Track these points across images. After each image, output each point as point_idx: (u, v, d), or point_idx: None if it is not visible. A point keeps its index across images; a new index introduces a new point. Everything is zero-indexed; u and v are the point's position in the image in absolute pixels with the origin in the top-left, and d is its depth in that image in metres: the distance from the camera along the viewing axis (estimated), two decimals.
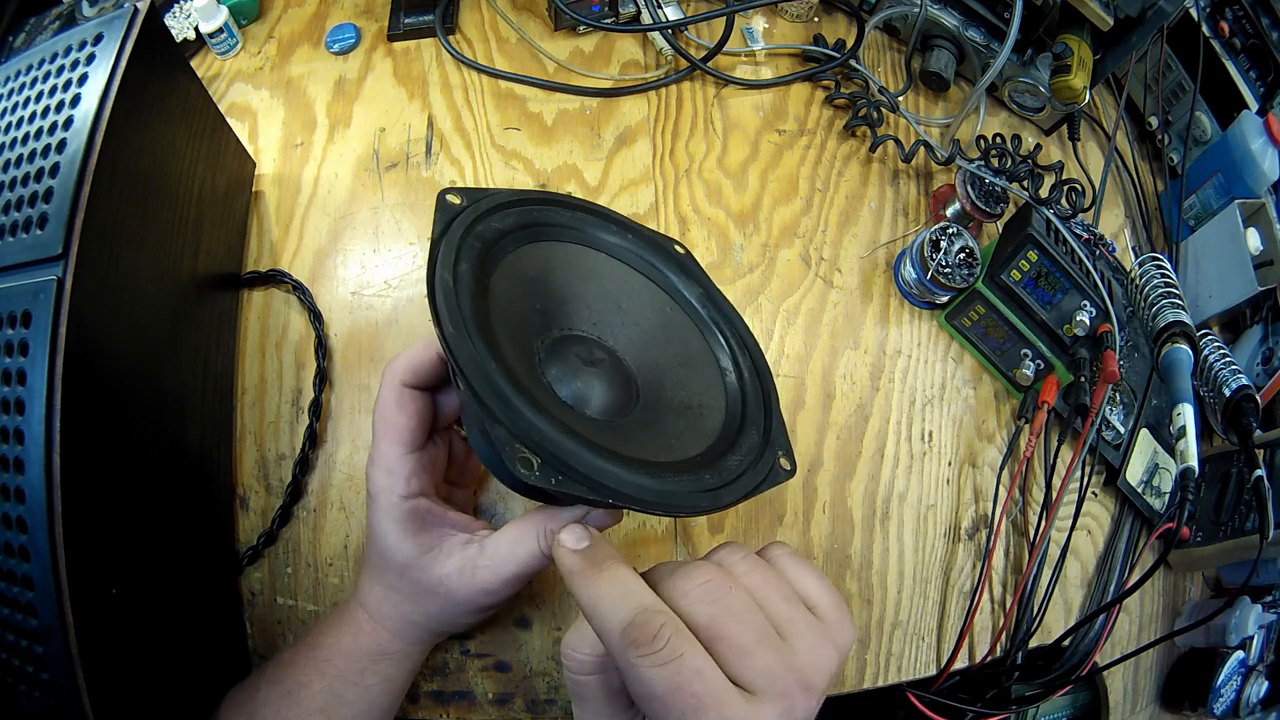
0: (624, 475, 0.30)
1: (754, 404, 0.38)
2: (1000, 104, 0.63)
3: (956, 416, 0.54)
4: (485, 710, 0.46)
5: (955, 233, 0.52)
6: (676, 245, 0.43)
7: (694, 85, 0.58)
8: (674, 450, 0.35)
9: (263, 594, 0.47)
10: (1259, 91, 0.62)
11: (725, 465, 0.34)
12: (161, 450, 0.40)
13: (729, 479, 0.33)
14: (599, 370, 0.37)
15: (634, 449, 0.33)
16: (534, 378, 0.34)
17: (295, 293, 0.50)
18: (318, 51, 0.57)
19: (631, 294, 0.41)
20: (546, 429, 0.29)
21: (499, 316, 0.34)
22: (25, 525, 0.29)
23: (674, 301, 0.41)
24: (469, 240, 0.35)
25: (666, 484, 0.31)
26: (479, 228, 0.36)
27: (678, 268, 0.42)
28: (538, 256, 0.38)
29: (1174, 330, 0.48)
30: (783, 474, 0.36)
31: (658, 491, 0.30)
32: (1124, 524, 0.55)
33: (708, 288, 0.42)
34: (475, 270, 0.34)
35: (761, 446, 0.36)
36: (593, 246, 0.41)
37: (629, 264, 0.41)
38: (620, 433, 0.35)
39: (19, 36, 0.56)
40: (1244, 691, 0.55)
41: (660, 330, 0.41)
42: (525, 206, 0.38)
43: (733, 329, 0.41)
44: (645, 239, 0.42)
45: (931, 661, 0.50)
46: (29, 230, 0.32)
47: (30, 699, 0.31)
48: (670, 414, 0.38)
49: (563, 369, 0.36)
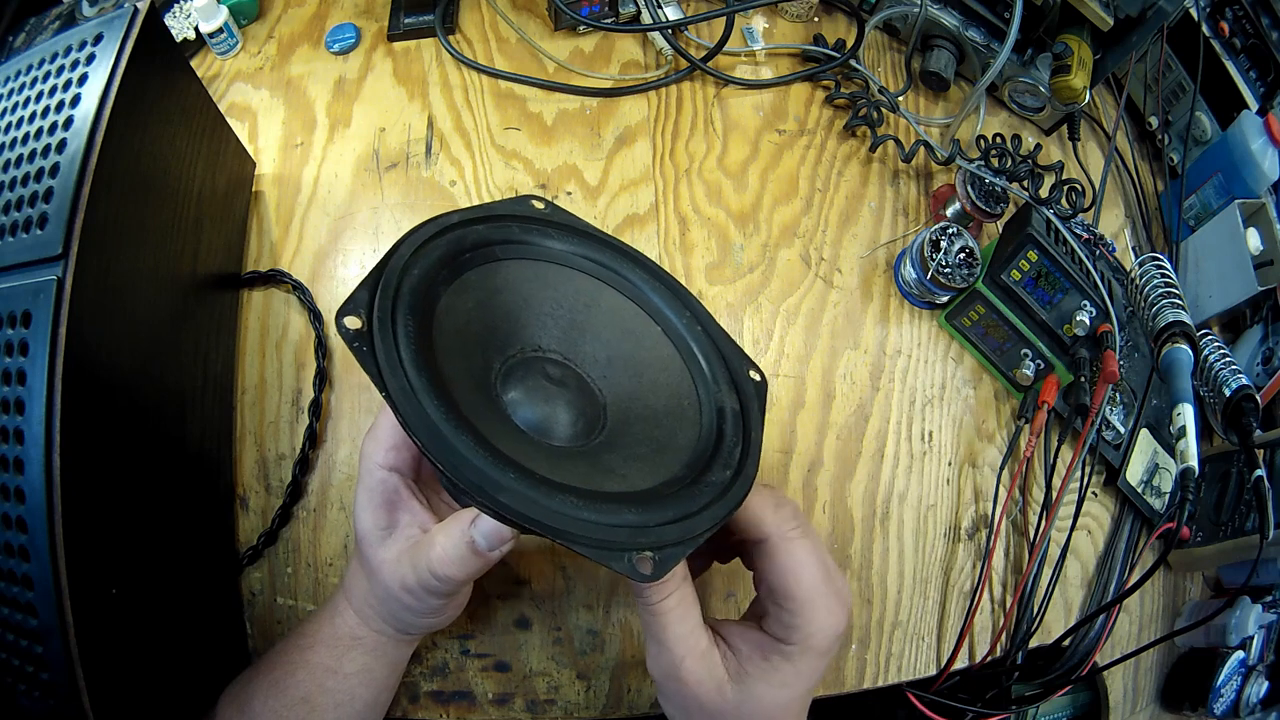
0: (547, 505, 0.28)
1: (730, 440, 0.35)
2: (1000, 104, 0.63)
3: (956, 416, 0.54)
4: (485, 710, 0.46)
5: (955, 233, 0.52)
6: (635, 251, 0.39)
7: (694, 85, 0.58)
8: (625, 481, 0.33)
9: (263, 594, 0.46)
10: (1259, 91, 0.62)
11: (671, 503, 0.31)
12: (161, 450, 0.40)
13: (676, 517, 0.30)
14: (556, 393, 0.35)
15: (577, 478, 0.31)
16: (487, 405, 0.33)
17: (295, 293, 0.50)
18: (318, 51, 0.57)
19: (595, 309, 0.38)
20: (466, 453, 0.28)
21: (448, 347, 0.32)
22: (25, 525, 0.29)
23: (643, 312, 0.38)
24: (402, 289, 0.32)
25: (600, 516, 0.29)
26: (412, 272, 0.33)
27: (651, 277, 0.39)
28: (484, 281, 0.36)
29: (1174, 330, 0.48)
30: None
31: (583, 523, 0.28)
32: (1124, 524, 0.55)
33: (695, 311, 0.39)
34: (418, 309, 0.32)
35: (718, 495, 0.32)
36: (545, 259, 0.38)
37: (594, 276, 0.38)
38: (562, 456, 0.33)
39: (19, 36, 0.56)
40: (1244, 691, 0.55)
41: (629, 346, 0.38)
42: (453, 231, 0.35)
43: (713, 345, 0.38)
44: (613, 248, 0.39)
45: (931, 661, 0.50)
46: (29, 230, 0.32)
47: (30, 699, 0.31)
48: (632, 443, 0.35)
49: (519, 393, 0.35)
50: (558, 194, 0.54)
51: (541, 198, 0.39)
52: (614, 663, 0.46)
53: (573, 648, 0.46)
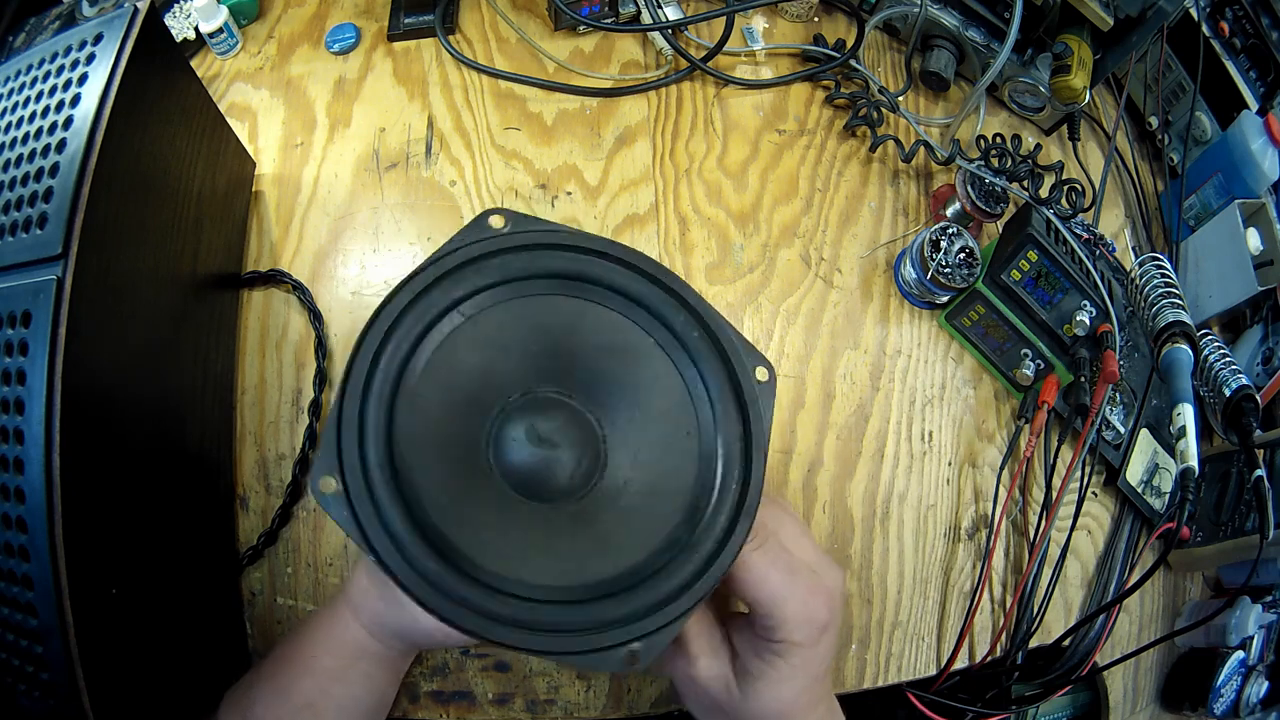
0: (538, 630, 0.30)
1: (726, 482, 0.34)
2: (1000, 104, 0.63)
3: (956, 416, 0.54)
4: (485, 710, 0.46)
5: (955, 233, 0.52)
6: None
7: (694, 85, 0.58)
8: (601, 562, 0.32)
9: (263, 594, 0.47)
10: (1259, 91, 0.62)
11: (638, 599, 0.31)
12: (161, 450, 0.40)
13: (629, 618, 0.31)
14: (550, 440, 0.34)
15: (565, 570, 0.32)
16: (479, 487, 0.33)
17: (295, 293, 0.50)
18: (318, 51, 0.57)
19: (578, 334, 0.35)
20: (429, 594, 0.29)
21: (433, 436, 0.32)
22: (25, 525, 0.29)
23: (633, 323, 0.35)
24: (368, 417, 0.32)
25: (588, 617, 0.31)
26: (374, 388, 0.32)
27: (636, 276, 0.35)
28: (453, 353, 0.34)
29: (1174, 330, 0.48)
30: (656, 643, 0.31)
31: (572, 637, 0.30)
32: (1124, 524, 0.55)
33: (690, 305, 0.35)
34: (390, 423, 0.32)
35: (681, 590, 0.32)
36: (514, 297, 0.35)
37: (571, 295, 0.35)
38: (552, 532, 0.33)
39: (19, 36, 0.56)
40: (1244, 691, 0.55)
41: (620, 367, 0.36)
42: (407, 315, 0.33)
43: (713, 345, 0.35)
44: (588, 251, 0.35)
45: (931, 661, 0.50)
46: (29, 230, 0.32)
47: (30, 699, 0.31)
48: (632, 488, 0.34)
49: (513, 452, 0.34)
50: (558, 194, 0.54)
51: (502, 210, 0.35)
52: None
53: None
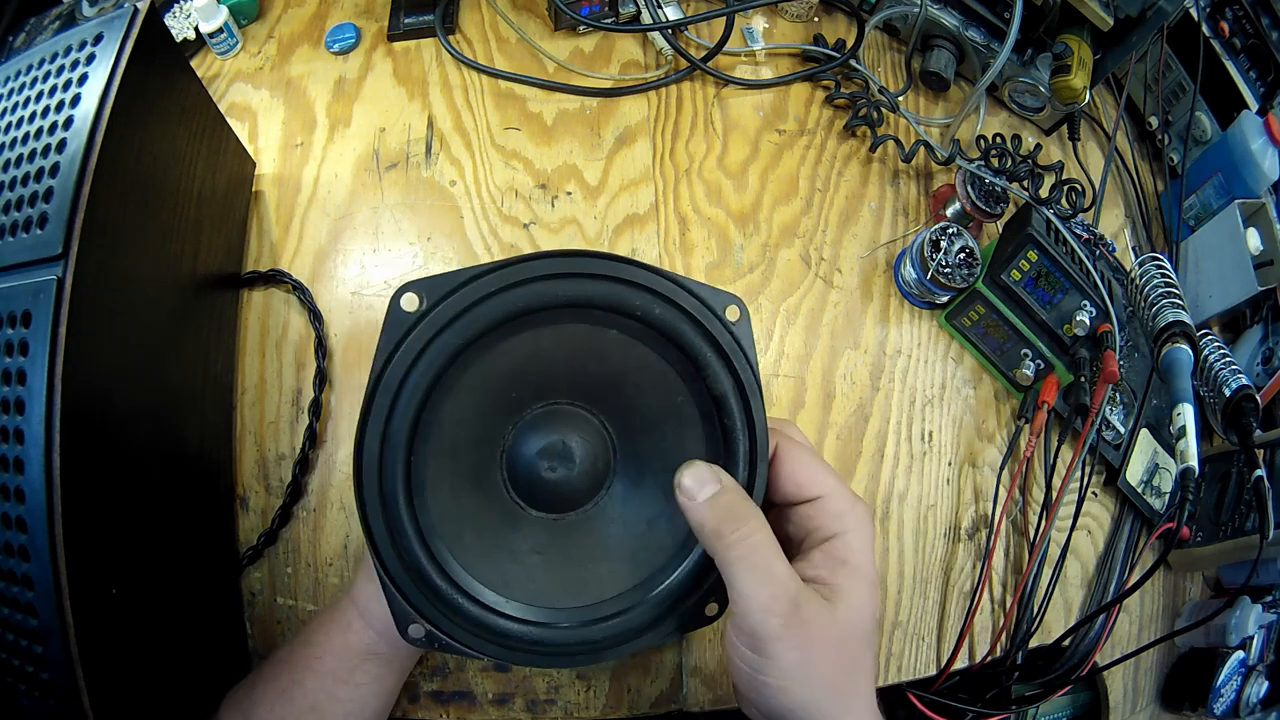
0: (519, 634, 0.34)
1: (736, 433, 0.35)
2: (1000, 104, 0.63)
3: (956, 416, 0.54)
4: (485, 710, 0.46)
5: (955, 233, 0.52)
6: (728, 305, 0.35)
7: (694, 85, 0.58)
8: (606, 581, 0.36)
9: (263, 594, 0.47)
10: (1259, 91, 0.62)
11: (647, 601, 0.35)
12: (161, 450, 0.40)
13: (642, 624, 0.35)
14: (557, 453, 0.36)
15: (560, 577, 0.36)
16: (487, 485, 0.36)
17: (295, 293, 0.50)
18: (318, 51, 0.57)
19: (559, 346, 0.35)
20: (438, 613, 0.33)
21: (457, 421, 0.34)
22: (25, 525, 0.29)
23: (601, 328, 0.35)
24: (421, 363, 0.33)
25: (573, 633, 0.35)
26: (440, 340, 0.33)
27: (588, 280, 0.34)
28: (519, 343, 0.35)
29: (1174, 330, 0.48)
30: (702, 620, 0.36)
31: (557, 644, 0.35)
32: (1124, 524, 0.55)
33: (646, 283, 0.34)
34: (428, 389, 0.33)
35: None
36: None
37: (544, 309, 0.34)
38: (563, 543, 0.37)
39: (19, 36, 0.56)
40: (1244, 691, 0.55)
41: (603, 365, 0.36)
42: (509, 292, 0.33)
43: (679, 311, 0.34)
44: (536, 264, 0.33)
45: (931, 661, 0.50)
46: (29, 230, 0.32)
47: (30, 699, 0.31)
48: (645, 470, 0.37)
49: (526, 470, 0.36)
50: (558, 194, 0.54)
51: (411, 285, 0.33)
52: (614, 663, 0.46)
53: None
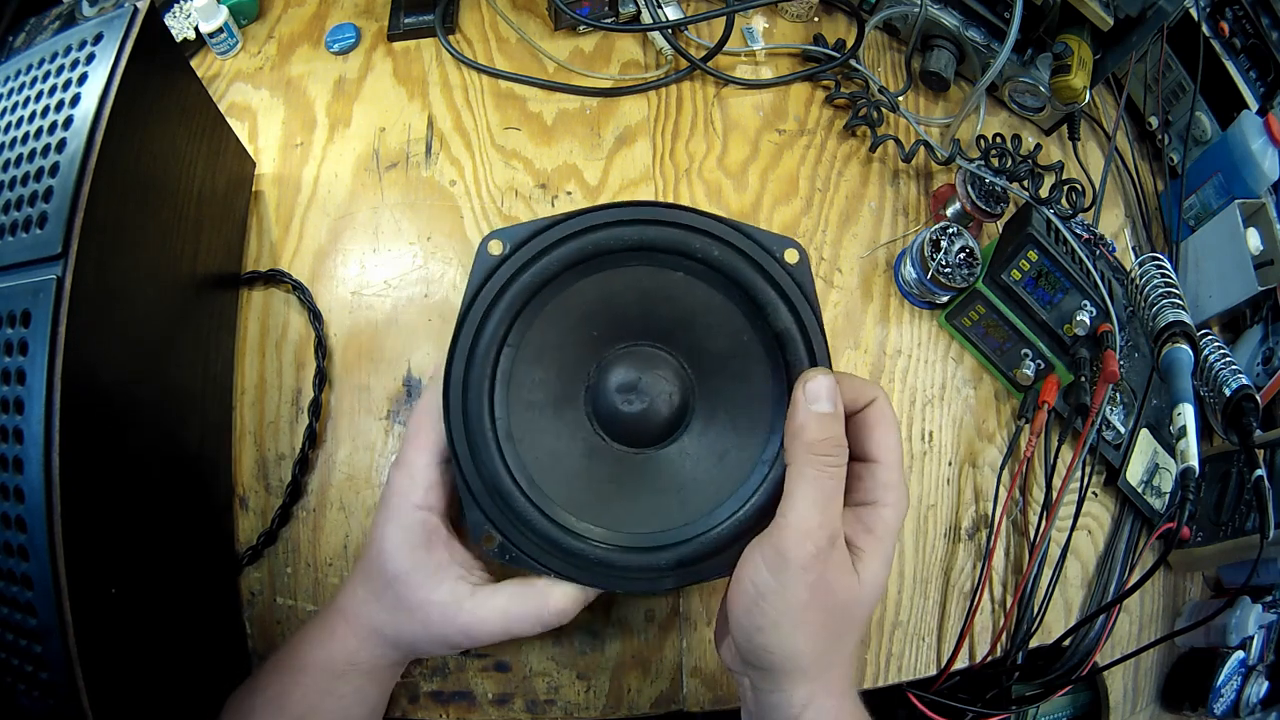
0: (586, 553, 0.36)
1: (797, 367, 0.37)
2: (1000, 104, 0.63)
3: (956, 416, 0.54)
4: (485, 710, 0.46)
5: (955, 232, 0.52)
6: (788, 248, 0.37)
7: (694, 85, 0.58)
8: (674, 512, 0.37)
9: (262, 594, 0.47)
10: (1259, 91, 0.62)
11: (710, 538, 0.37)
12: (161, 450, 0.40)
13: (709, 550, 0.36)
14: (638, 390, 0.38)
15: (631, 506, 0.37)
16: (569, 415, 0.38)
17: (295, 293, 0.50)
18: (318, 51, 0.57)
19: (630, 288, 0.38)
20: (513, 526, 0.36)
21: (540, 352, 0.37)
22: (25, 525, 0.29)
23: (666, 269, 0.38)
24: (505, 297, 0.36)
25: (639, 557, 0.36)
26: (521, 279, 0.36)
27: (650, 224, 0.36)
28: (592, 285, 0.37)
29: (1174, 330, 0.48)
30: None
31: (621, 567, 0.36)
32: (1124, 524, 0.55)
33: (701, 227, 0.36)
34: (511, 320, 0.36)
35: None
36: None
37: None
38: (638, 475, 0.38)
39: (19, 36, 0.56)
40: (1244, 691, 0.55)
41: (674, 309, 0.38)
42: (580, 238, 0.36)
43: (737, 253, 0.37)
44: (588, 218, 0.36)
45: (932, 661, 0.50)
46: (29, 230, 0.32)
47: (30, 698, 0.31)
48: (722, 406, 0.38)
49: (613, 395, 0.38)
50: (558, 194, 0.54)
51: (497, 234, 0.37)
52: (614, 663, 0.46)
53: (572, 648, 0.46)
